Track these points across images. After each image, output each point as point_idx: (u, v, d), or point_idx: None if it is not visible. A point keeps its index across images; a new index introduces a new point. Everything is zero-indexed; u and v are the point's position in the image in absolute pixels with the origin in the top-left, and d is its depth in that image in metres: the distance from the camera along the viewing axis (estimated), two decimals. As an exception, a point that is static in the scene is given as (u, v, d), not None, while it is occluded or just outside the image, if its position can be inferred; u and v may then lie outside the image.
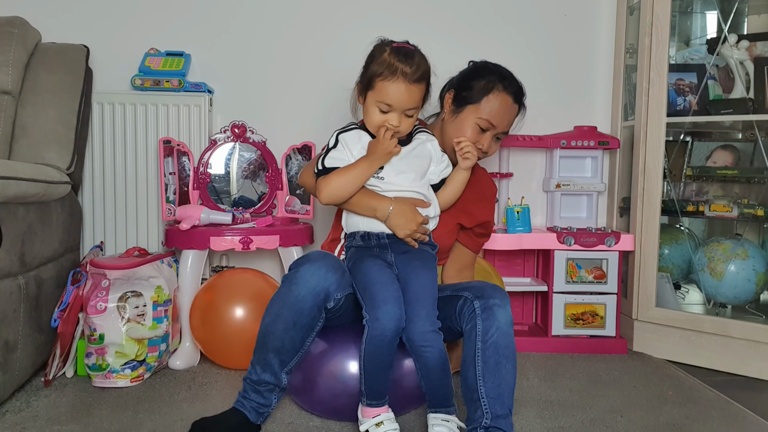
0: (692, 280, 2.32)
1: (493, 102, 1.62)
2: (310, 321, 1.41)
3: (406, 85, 1.43)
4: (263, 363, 1.44)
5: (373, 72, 1.45)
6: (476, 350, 1.38)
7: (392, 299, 1.37)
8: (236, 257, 2.31)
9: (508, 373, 1.38)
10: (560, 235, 2.17)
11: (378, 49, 1.48)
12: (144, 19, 2.30)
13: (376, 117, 1.47)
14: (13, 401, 1.62)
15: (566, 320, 2.18)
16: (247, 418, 1.44)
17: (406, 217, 1.48)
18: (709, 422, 1.60)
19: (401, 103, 1.44)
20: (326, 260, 1.43)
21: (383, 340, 1.35)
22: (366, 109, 1.49)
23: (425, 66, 1.47)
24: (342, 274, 1.44)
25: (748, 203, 2.15)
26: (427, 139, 1.57)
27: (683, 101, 2.21)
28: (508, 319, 1.41)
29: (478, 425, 1.35)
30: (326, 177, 1.50)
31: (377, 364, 1.38)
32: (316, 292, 1.39)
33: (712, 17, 2.36)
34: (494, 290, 1.45)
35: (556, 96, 2.44)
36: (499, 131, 1.65)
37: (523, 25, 2.42)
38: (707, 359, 2.06)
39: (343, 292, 1.43)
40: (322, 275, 1.40)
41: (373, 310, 1.37)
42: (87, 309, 1.75)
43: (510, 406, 1.38)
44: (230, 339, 1.86)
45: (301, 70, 2.36)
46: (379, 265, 1.45)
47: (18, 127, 1.95)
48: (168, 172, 2.08)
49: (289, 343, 1.42)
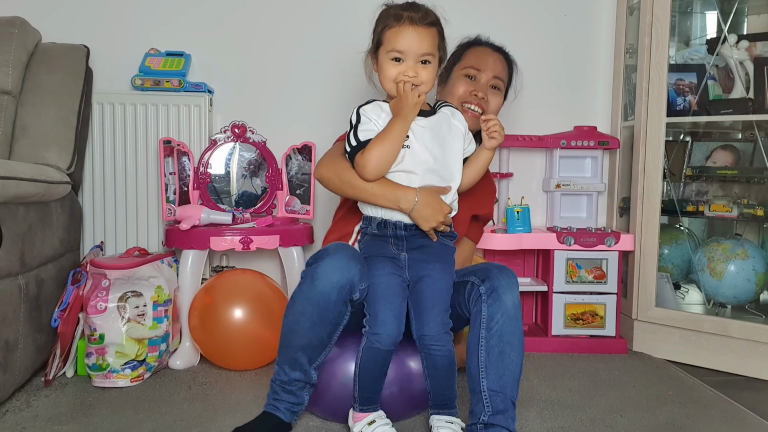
0: (692, 280, 2.32)
1: (474, 52, 1.74)
2: (336, 316, 1.37)
3: (414, 28, 1.37)
4: (291, 362, 1.41)
5: (380, 28, 1.42)
6: (480, 338, 1.37)
7: (393, 319, 1.36)
8: (236, 257, 2.31)
9: (513, 362, 1.37)
10: (560, 235, 2.17)
11: (383, 10, 1.45)
12: (144, 19, 2.31)
13: (390, 69, 1.40)
14: (13, 401, 1.62)
15: (566, 320, 2.18)
16: (281, 420, 1.43)
17: (433, 209, 1.40)
18: (709, 422, 1.60)
19: (413, 48, 1.37)
20: (346, 251, 1.39)
21: (378, 353, 1.37)
22: (380, 69, 1.43)
23: (433, 14, 1.42)
24: (363, 264, 1.39)
25: (747, 203, 2.15)
26: (452, 114, 1.49)
27: (683, 101, 2.21)
28: (515, 301, 1.39)
29: (477, 420, 1.35)
30: (364, 152, 1.39)
31: (371, 373, 1.38)
32: (340, 285, 1.34)
33: (712, 17, 2.36)
34: (500, 271, 1.42)
35: (556, 96, 2.44)
36: (491, 76, 1.69)
37: (523, 25, 2.42)
38: (707, 359, 2.06)
39: (366, 282, 1.39)
40: (344, 267, 1.35)
41: (373, 326, 1.36)
42: (87, 309, 1.75)
43: (513, 397, 1.37)
44: (229, 341, 1.85)
45: (302, 70, 2.36)
46: (389, 275, 1.40)
47: (18, 127, 1.95)
48: (168, 172, 2.08)
49: (317, 339, 1.39)
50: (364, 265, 1.40)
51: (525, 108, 2.43)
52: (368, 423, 1.39)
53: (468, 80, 1.69)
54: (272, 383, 1.45)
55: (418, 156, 1.41)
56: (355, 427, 1.40)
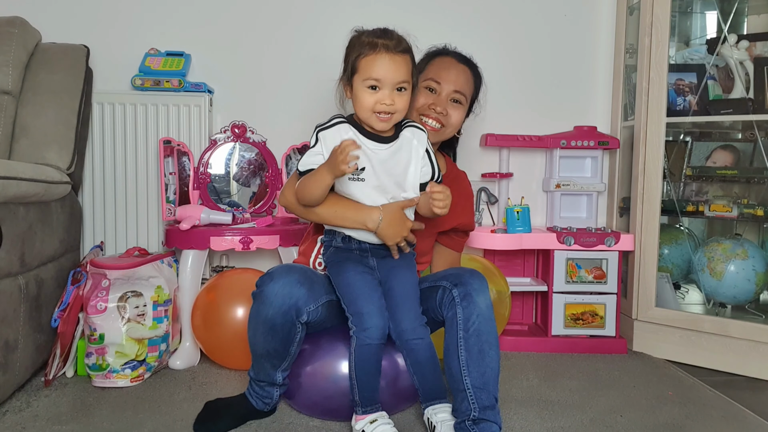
0: (692, 280, 2.32)
1: (437, 63, 1.68)
2: (286, 335, 1.43)
3: (390, 56, 1.38)
4: (257, 366, 1.52)
5: (354, 56, 1.41)
6: (458, 339, 1.39)
7: (377, 311, 1.39)
8: (236, 257, 2.31)
9: (492, 360, 1.39)
10: (560, 235, 2.17)
11: (354, 36, 1.44)
12: (144, 19, 2.31)
13: (366, 98, 1.39)
14: (13, 401, 1.62)
15: (566, 320, 2.18)
16: (253, 407, 1.54)
17: (398, 226, 1.44)
18: (709, 422, 1.60)
19: (389, 76, 1.38)
20: (290, 275, 1.41)
21: (371, 348, 1.38)
22: (355, 96, 1.42)
23: (405, 41, 1.42)
24: (311, 286, 1.42)
25: (747, 203, 2.15)
26: (413, 135, 1.48)
27: (683, 101, 2.21)
28: (488, 303, 1.41)
29: (466, 418, 1.36)
30: (297, 186, 1.45)
31: (368, 371, 1.40)
32: (283, 311, 1.39)
33: (712, 17, 2.36)
34: (472, 276, 1.44)
35: (556, 96, 2.44)
36: (451, 90, 1.64)
37: (523, 25, 2.42)
38: (707, 359, 2.06)
39: (316, 303, 1.43)
40: (287, 293, 1.39)
41: (360, 323, 1.38)
42: (87, 309, 1.75)
43: (495, 394, 1.39)
44: (232, 339, 1.85)
45: (302, 70, 2.36)
46: (362, 273, 1.44)
47: (18, 127, 1.95)
48: (168, 172, 2.08)
49: (274, 351, 1.46)
50: (314, 286, 1.43)
51: (525, 108, 2.44)
52: (370, 422, 1.40)
53: (428, 92, 1.65)
54: (248, 373, 1.57)
55: (371, 188, 1.44)
56: (357, 425, 1.41)
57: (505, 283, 2.06)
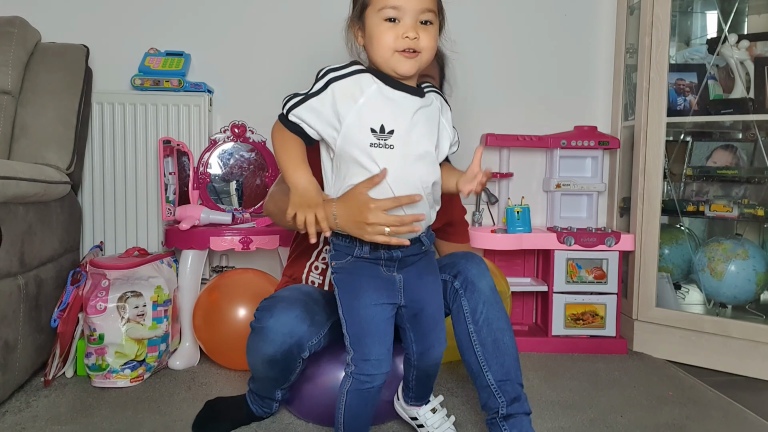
0: (692, 280, 2.32)
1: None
2: (287, 367, 1.38)
3: None
4: (257, 383, 1.49)
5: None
6: (470, 333, 1.33)
7: (386, 354, 1.21)
8: (236, 257, 2.31)
9: (508, 346, 1.34)
10: (560, 235, 2.17)
11: None
12: (144, 19, 2.30)
13: (384, 34, 1.12)
14: (13, 401, 1.62)
15: (566, 320, 2.18)
16: (252, 412, 1.53)
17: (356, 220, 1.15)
18: (709, 422, 1.60)
19: (411, 3, 1.11)
20: (291, 311, 1.32)
21: (370, 393, 1.23)
22: (370, 36, 1.15)
23: None
24: (312, 320, 1.33)
25: (748, 203, 2.15)
26: (441, 107, 1.25)
27: (683, 101, 2.21)
28: (490, 285, 1.34)
29: (496, 415, 1.33)
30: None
31: (360, 416, 1.25)
32: (284, 349, 1.32)
33: (712, 17, 2.36)
34: (468, 261, 1.35)
35: (557, 96, 2.44)
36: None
37: (522, 25, 2.42)
38: (707, 359, 2.06)
39: (319, 335, 1.35)
40: (287, 332, 1.30)
41: (364, 366, 1.20)
42: (87, 309, 1.75)
43: (519, 380, 1.34)
44: (234, 340, 1.85)
45: (302, 70, 2.35)
46: (375, 305, 1.20)
47: (18, 127, 1.95)
48: (168, 172, 2.08)
49: (274, 378, 1.43)
50: (315, 319, 1.33)
51: (525, 108, 2.43)
52: None
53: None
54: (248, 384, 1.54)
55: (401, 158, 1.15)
56: None
57: (505, 283, 2.06)
